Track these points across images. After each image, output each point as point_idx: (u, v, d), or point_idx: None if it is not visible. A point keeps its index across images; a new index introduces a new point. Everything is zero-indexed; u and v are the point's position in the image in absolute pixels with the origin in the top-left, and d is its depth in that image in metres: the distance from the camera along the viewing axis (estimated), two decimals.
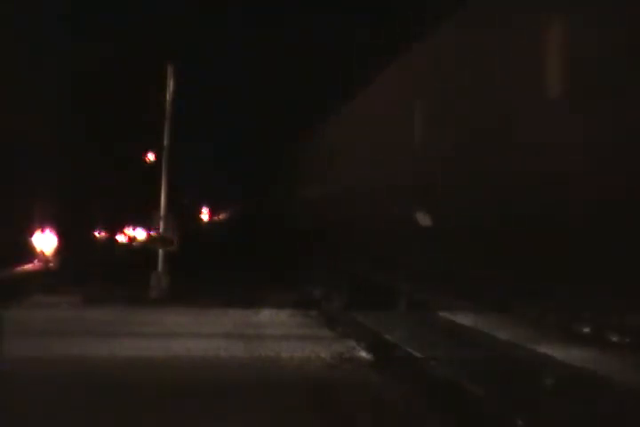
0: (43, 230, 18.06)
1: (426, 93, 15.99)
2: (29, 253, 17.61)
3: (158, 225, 13.34)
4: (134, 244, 29.75)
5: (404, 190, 16.53)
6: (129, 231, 30.48)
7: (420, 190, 15.33)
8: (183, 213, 30.76)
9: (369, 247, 22.33)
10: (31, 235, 17.89)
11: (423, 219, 10.85)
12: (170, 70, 13.80)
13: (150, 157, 24.86)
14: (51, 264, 17.65)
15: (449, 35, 14.86)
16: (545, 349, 7.80)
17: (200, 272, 16.11)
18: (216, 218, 63.47)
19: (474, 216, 12.65)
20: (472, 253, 13.07)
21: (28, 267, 16.71)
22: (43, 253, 18.00)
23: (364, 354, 7.61)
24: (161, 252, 13.15)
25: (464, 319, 10.15)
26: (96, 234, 25.88)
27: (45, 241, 18.24)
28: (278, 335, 8.83)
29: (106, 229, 26.68)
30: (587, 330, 9.03)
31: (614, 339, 8.44)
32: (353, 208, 25.17)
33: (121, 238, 29.31)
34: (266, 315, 10.73)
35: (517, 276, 11.82)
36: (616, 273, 8.72)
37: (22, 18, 17.23)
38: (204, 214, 58.34)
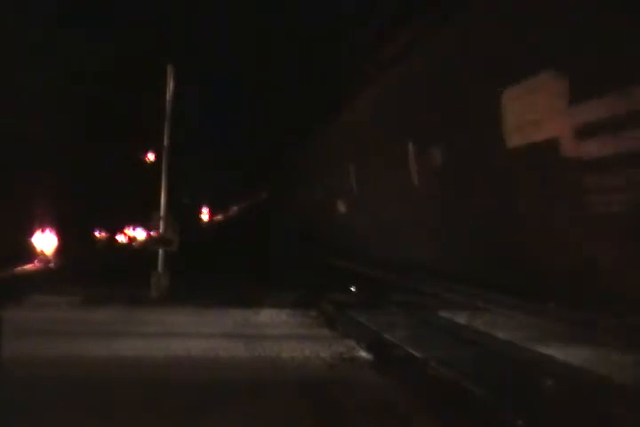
0: (43, 230, 18.06)
1: None
2: (29, 253, 17.62)
3: (158, 225, 13.34)
4: (134, 244, 29.78)
5: None
6: (129, 231, 30.49)
7: None
8: (183, 213, 30.76)
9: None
10: (31, 235, 17.90)
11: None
12: (170, 70, 13.80)
13: (150, 157, 24.88)
14: (51, 264, 17.66)
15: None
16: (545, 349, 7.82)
17: (200, 272, 16.11)
18: (216, 218, 63.44)
19: None
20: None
21: (28, 267, 16.72)
22: (43, 253, 18.01)
23: (363, 354, 7.61)
24: (161, 252, 13.14)
25: (462, 318, 10.17)
26: (96, 234, 25.90)
27: (45, 241, 18.25)
28: (278, 335, 8.83)
29: (106, 229, 26.69)
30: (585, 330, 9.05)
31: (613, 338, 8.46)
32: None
33: (121, 238, 29.33)
34: (266, 315, 10.73)
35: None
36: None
37: (22, 18, 17.23)
38: (204, 214, 58.32)
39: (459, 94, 14.30)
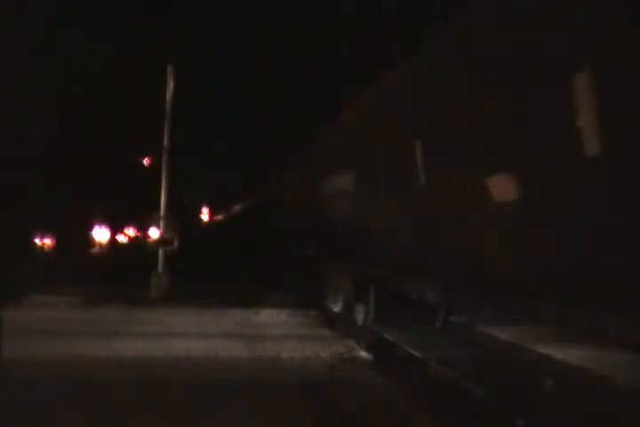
0: (43, 230, 18.07)
1: None
2: (30, 252, 17.61)
3: (158, 225, 13.35)
4: (135, 243, 29.80)
5: None
6: (129, 231, 30.53)
7: None
8: (183, 213, 30.79)
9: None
10: (32, 235, 17.90)
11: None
12: (170, 70, 13.81)
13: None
14: (51, 264, 17.67)
15: None
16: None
17: (200, 272, 16.11)
18: (216, 218, 63.46)
19: None
20: None
21: (29, 267, 16.72)
22: (43, 252, 18.01)
23: (363, 354, 7.61)
24: (161, 252, 13.15)
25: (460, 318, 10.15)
26: (95, 234, 25.91)
27: (46, 241, 18.25)
28: (278, 335, 8.83)
29: (106, 228, 26.71)
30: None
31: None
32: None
33: (121, 238, 29.36)
34: (266, 315, 10.74)
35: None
36: None
37: (22, 18, 17.24)
38: (204, 214, 58.33)
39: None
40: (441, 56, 6.58)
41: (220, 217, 64.42)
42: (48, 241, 19.29)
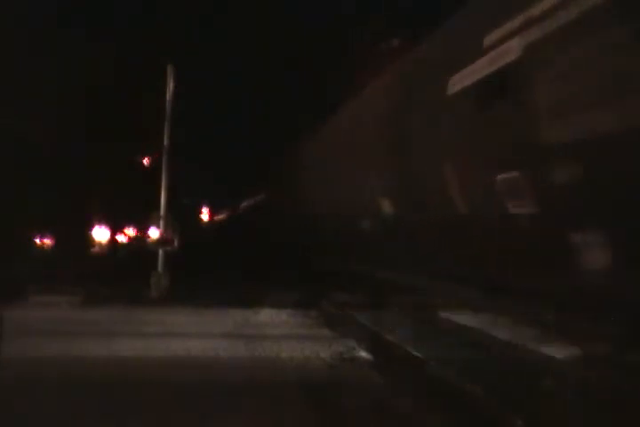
0: (43, 230, 18.08)
1: None
2: (29, 252, 17.62)
3: (158, 225, 13.35)
4: (135, 244, 29.79)
5: None
6: (129, 231, 30.53)
7: None
8: (183, 213, 30.81)
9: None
10: (32, 235, 17.92)
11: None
12: (170, 70, 13.81)
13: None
14: (50, 264, 17.67)
15: None
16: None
17: (200, 272, 16.10)
18: (216, 218, 63.45)
19: None
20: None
21: (28, 267, 16.72)
22: (43, 252, 18.02)
23: (363, 354, 7.61)
24: (161, 252, 13.15)
25: (463, 319, 10.14)
26: (95, 234, 25.90)
27: (46, 241, 18.26)
28: (278, 335, 8.83)
29: (106, 228, 26.71)
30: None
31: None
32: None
33: (121, 238, 29.36)
34: (266, 315, 10.74)
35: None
36: None
37: (22, 19, 17.24)
38: (204, 214, 58.33)
39: None
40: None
41: (220, 217, 64.43)
42: (48, 241, 19.29)
